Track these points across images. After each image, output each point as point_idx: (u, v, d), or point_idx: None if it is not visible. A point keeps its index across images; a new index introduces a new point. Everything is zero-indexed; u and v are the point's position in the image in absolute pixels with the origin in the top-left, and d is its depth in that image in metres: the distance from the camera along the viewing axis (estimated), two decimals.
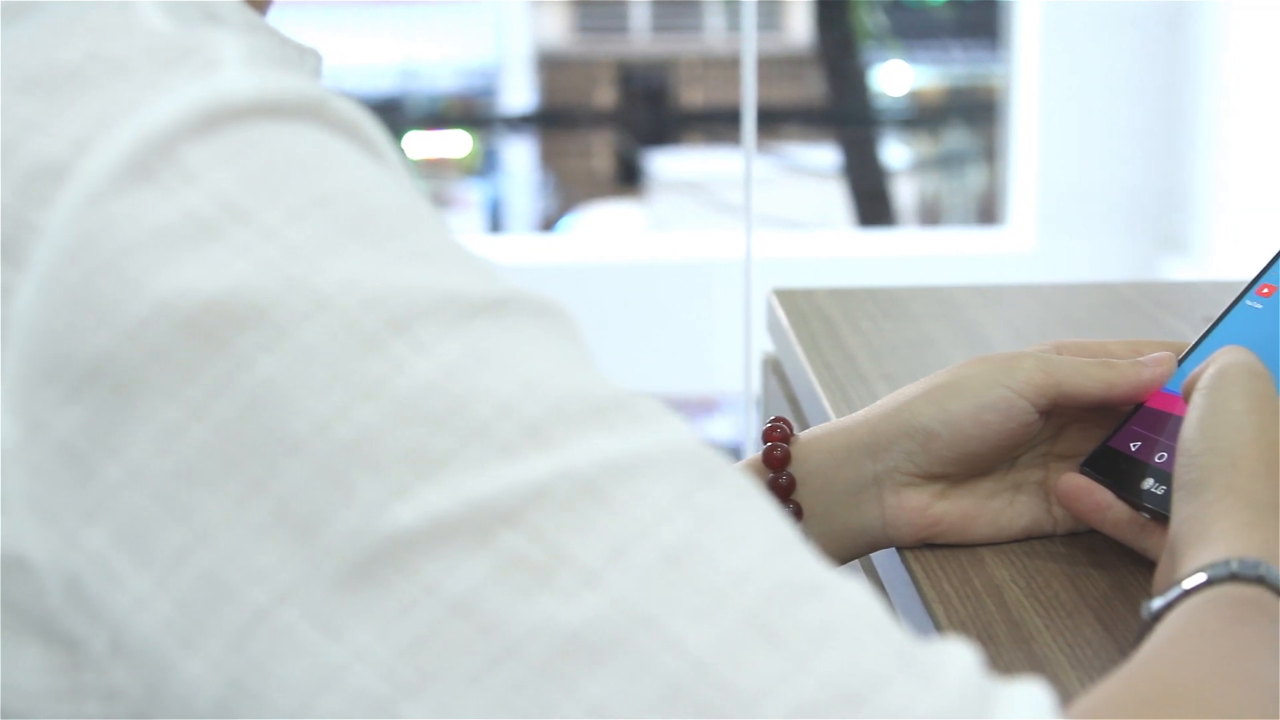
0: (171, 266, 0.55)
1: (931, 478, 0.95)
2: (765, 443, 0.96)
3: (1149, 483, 0.91)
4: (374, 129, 0.61)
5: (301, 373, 0.55)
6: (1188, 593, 0.73)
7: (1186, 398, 0.84)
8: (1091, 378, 0.94)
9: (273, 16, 0.72)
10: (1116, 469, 0.93)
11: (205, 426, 0.55)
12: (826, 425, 0.98)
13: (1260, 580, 0.73)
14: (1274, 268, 0.97)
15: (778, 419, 0.97)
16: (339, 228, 0.57)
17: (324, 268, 0.56)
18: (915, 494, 0.95)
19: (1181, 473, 0.80)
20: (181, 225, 0.56)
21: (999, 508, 0.97)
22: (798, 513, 0.95)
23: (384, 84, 7.23)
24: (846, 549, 0.97)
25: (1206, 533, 0.76)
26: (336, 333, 0.55)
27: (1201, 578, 0.73)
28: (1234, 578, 0.73)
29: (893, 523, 0.96)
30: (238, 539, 0.55)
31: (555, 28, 8.16)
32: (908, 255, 5.41)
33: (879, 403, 0.97)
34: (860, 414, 0.97)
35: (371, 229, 0.57)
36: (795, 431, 0.97)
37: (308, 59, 0.71)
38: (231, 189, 0.56)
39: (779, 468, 0.96)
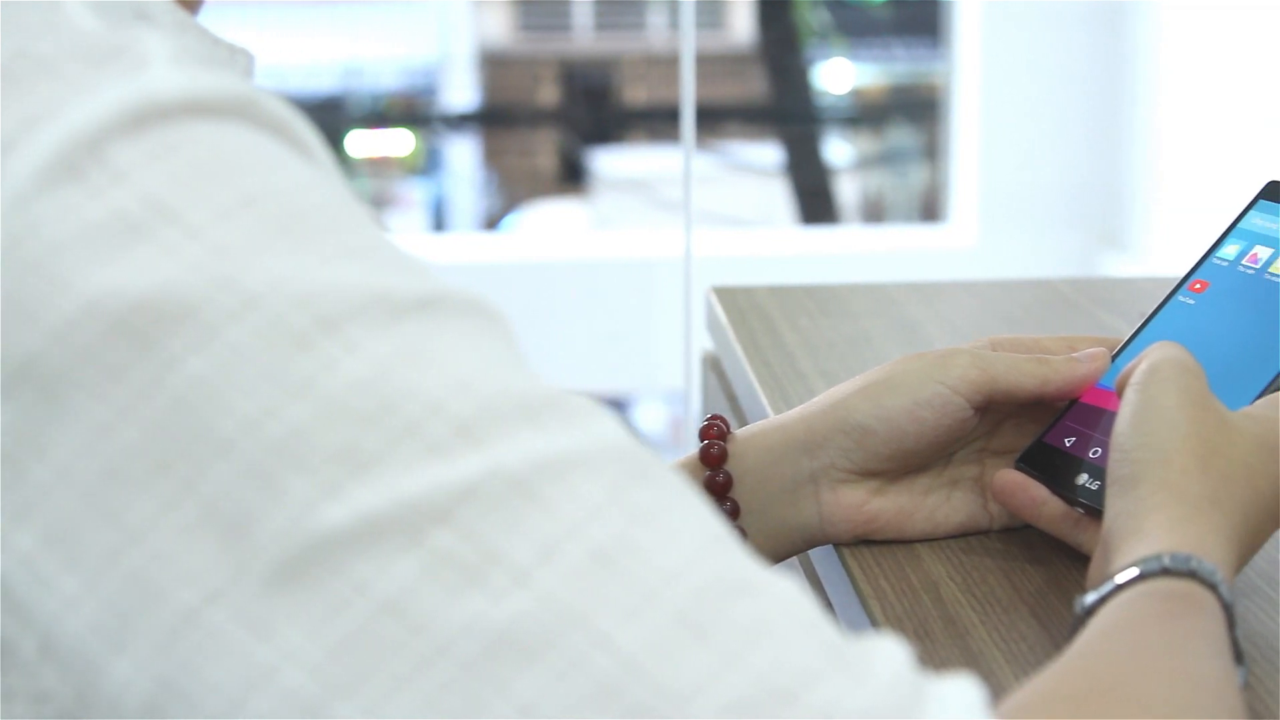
0: (100, 266, 0.55)
1: (868, 474, 0.95)
2: (702, 440, 0.96)
3: (1083, 478, 0.92)
4: (303, 128, 0.60)
5: (231, 372, 0.55)
6: (1120, 587, 0.74)
7: (1120, 393, 0.85)
8: (1026, 374, 0.94)
9: (216, 14, 0.72)
10: (1051, 465, 0.94)
11: (134, 427, 0.55)
12: (763, 423, 0.98)
13: (1192, 574, 0.73)
14: (1205, 264, 0.98)
15: (714, 417, 0.97)
16: (268, 227, 0.56)
17: (253, 267, 0.56)
18: (851, 491, 0.95)
19: (1115, 468, 0.81)
20: (110, 225, 0.56)
21: (935, 504, 0.97)
22: (734, 510, 0.96)
23: (326, 82, 7.21)
24: (783, 546, 0.97)
25: (1139, 527, 0.77)
26: (266, 332, 0.55)
27: (1134, 572, 0.74)
28: (1166, 572, 0.73)
29: (829, 519, 0.96)
30: (167, 539, 0.54)
31: (498, 26, 8.15)
32: (850, 252, 5.42)
33: (815, 400, 0.97)
34: (796, 411, 0.97)
35: (301, 228, 0.57)
36: (732, 429, 0.98)
37: (239, 58, 0.71)
38: (160, 188, 0.56)
39: (716, 465, 0.96)
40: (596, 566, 0.55)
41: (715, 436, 0.96)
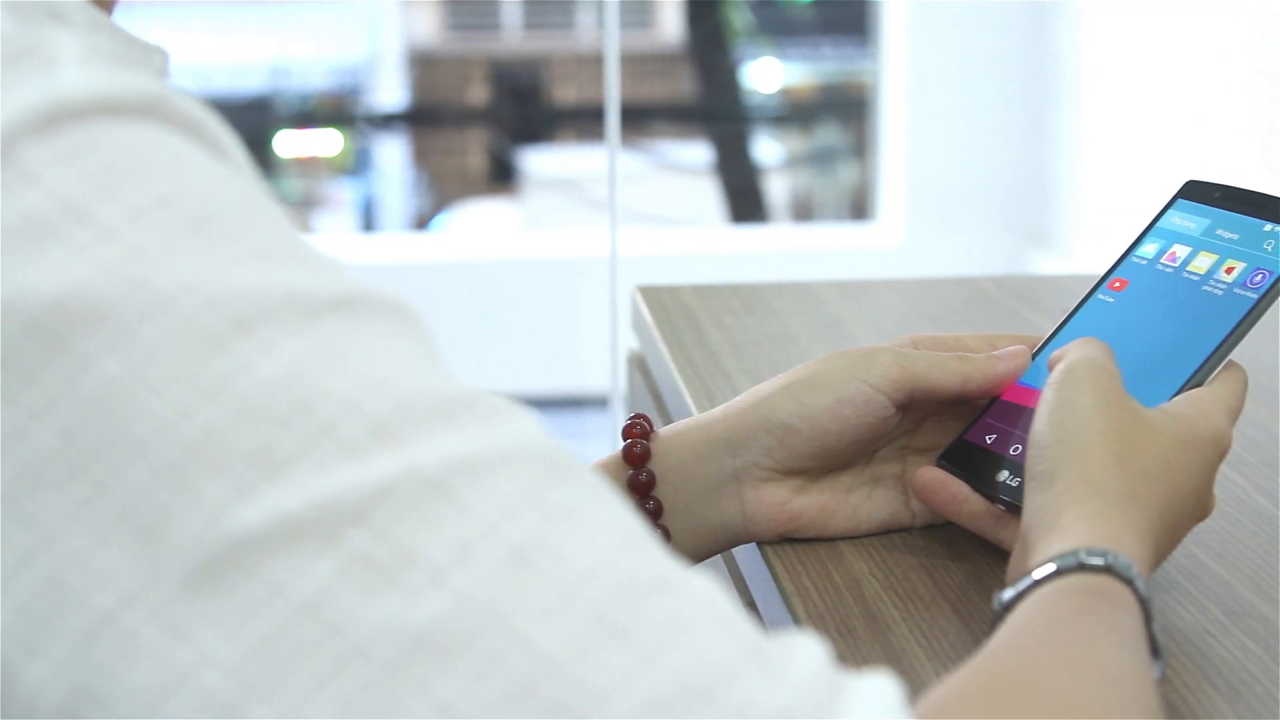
0: (12, 267, 0.55)
1: (790, 473, 0.96)
2: (625, 439, 0.96)
3: (1004, 475, 0.92)
4: (217, 127, 0.60)
5: (144, 374, 0.54)
6: (1038, 583, 0.74)
7: None
8: (947, 372, 0.95)
9: (143, 14, 0.71)
10: (972, 462, 0.94)
11: (47, 429, 0.54)
12: (686, 421, 0.98)
13: (1108, 570, 0.74)
14: (1125, 262, 0.99)
15: (637, 416, 0.97)
16: (181, 227, 0.56)
17: (166, 268, 0.55)
18: (774, 489, 0.96)
19: (1032, 465, 0.81)
20: (22, 226, 0.55)
21: (858, 502, 0.97)
22: (658, 509, 0.96)
23: (254, 82, 7.17)
24: (707, 544, 0.97)
25: (1056, 523, 0.77)
26: (179, 333, 0.55)
27: (1051, 568, 0.74)
28: (1082, 567, 0.74)
29: (752, 518, 0.96)
30: (81, 543, 0.54)
31: (426, 25, 8.13)
32: (779, 251, 5.43)
33: (738, 399, 0.97)
34: (719, 410, 0.97)
35: (214, 228, 0.57)
36: (655, 428, 0.98)
37: (153, 58, 0.71)
38: (72, 189, 0.56)
39: (639, 464, 0.96)
40: (513, 566, 0.55)
41: (638, 435, 0.97)
